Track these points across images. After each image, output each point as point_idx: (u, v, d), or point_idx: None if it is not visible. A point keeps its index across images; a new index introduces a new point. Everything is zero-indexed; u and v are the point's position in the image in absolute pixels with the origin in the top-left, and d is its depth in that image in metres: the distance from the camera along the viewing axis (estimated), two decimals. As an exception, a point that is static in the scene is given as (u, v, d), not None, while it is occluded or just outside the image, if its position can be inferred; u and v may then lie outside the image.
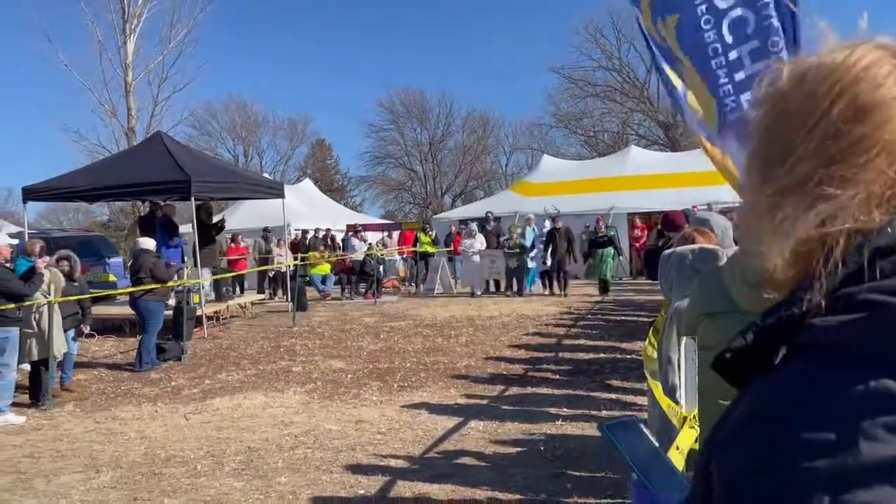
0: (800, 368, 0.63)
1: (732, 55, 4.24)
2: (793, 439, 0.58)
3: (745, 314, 2.29)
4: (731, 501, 0.61)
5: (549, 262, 15.97)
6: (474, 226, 17.51)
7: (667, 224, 6.00)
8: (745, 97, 4.22)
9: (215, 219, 13.73)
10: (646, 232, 19.12)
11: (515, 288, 16.10)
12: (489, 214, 18.19)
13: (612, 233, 16.15)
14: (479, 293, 16.43)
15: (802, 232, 0.64)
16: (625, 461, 0.91)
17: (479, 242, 16.63)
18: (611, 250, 15.61)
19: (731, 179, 4.39)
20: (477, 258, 16.61)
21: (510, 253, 15.89)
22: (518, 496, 4.53)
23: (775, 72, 0.69)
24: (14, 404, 7.01)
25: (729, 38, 4.23)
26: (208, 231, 12.98)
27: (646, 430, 0.92)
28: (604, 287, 15.61)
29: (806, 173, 0.64)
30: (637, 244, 18.81)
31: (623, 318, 12.31)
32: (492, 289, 17.15)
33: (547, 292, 16.05)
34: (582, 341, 10.08)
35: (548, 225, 16.59)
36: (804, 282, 0.65)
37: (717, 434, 0.67)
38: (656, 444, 0.92)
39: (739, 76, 4.25)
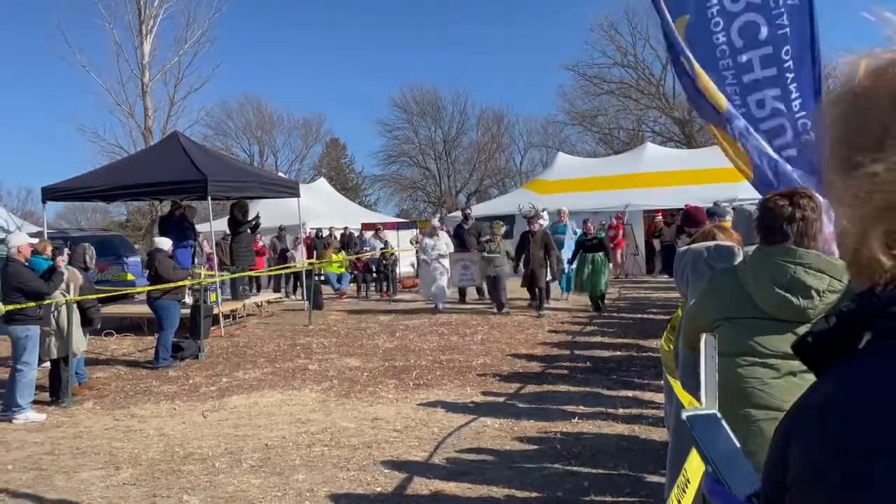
0: (884, 356, 0.63)
1: (742, 58, 4.26)
2: (876, 428, 0.58)
3: (769, 319, 2.25)
4: (811, 486, 0.62)
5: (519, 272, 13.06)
6: (437, 221, 14.91)
7: (687, 220, 5.93)
8: (753, 98, 4.24)
9: (251, 215, 13.75)
10: (620, 231, 18.74)
11: (500, 299, 12.89)
12: (467, 212, 15.41)
13: (602, 234, 13.59)
14: (443, 306, 13.40)
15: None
16: (701, 454, 0.91)
17: (445, 243, 13.71)
18: (602, 256, 12.68)
19: (738, 162, 4.39)
20: (443, 262, 13.50)
21: (490, 257, 12.84)
22: (535, 494, 4.53)
23: (848, 70, 0.70)
24: (35, 402, 7.09)
25: (738, 42, 4.26)
26: (243, 229, 13.11)
27: (726, 427, 0.92)
28: (598, 302, 12.83)
29: None
30: (612, 242, 18.42)
31: (639, 315, 12.25)
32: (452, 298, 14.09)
33: (529, 308, 12.85)
34: (598, 339, 10.05)
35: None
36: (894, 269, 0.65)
37: (795, 417, 0.67)
38: (736, 442, 0.91)
39: (748, 78, 4.26)
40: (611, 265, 13.15)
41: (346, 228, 20.16)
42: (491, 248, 12.98)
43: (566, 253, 13.77)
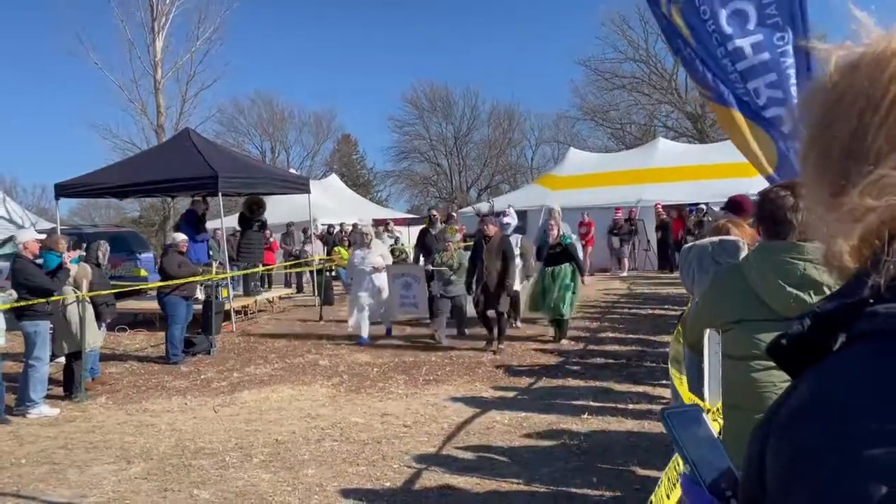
0: (861, 355, 0.62)
1: (731, 45, 4.24)
2: (853, 426, 0.58)
3: (782, 320, 2.19)
4: (788, 485, 0.61)
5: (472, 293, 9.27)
6: (368, 227, 11.02)
7: (733, 209, 5.79)
8: (752, 86, 4.21)
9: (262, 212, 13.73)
10: (592, 228, 18.46)
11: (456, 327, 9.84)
12: (433, 214, 12.16)
13: (569, 240, 9.61)
14: (365, 335, 9.86)
15: (873, 218, 0.63)
16: (680, 452, 0.89)
17: (381, 255, 10.18)
18: (568, 269, 9.34)
19: (755, 146, 4.36)
20: (379, 280, 9.94)
21: (439, 271, 9.64)
22: (544, 489, 4.52)
23: (820, 62, 0.69)
24: (48, 396, 7.15)
25: (728, 30, 4.24)
26: (250, 225, 13.16)
27: (708, 423, 0.90)
28: (559, 326, 9.52)
29: (878, 159, 0.62)
30: (582, 240, 17.68)
31: (650, 311, 12.20)
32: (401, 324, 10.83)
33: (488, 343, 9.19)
34: (609, 334, 10.02)
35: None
36: (868, 268, 0.64)
37: (771, 420, 0.67)
38: (718, 441, 0.89)
39: (742, 65, 4.24)
40: (581, 279, 9.54)
41: (355, 225, 20.20)
42: (443, 260, 9.67)
43: None
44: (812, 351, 0.67)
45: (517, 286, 9.74)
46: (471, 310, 9.53)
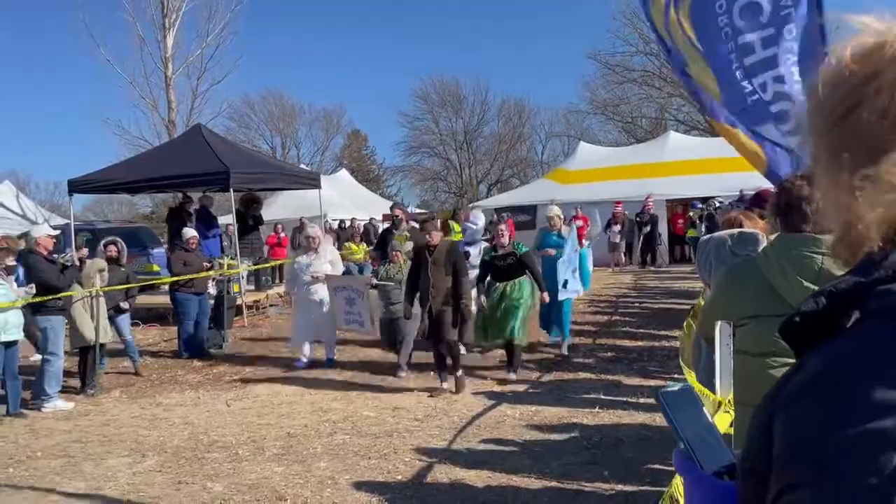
0: (875, 331, 0.62)
1: (742, 40, 4.22)
2: (862, 399, 0.58)
3: None
4: (796, 457, 0.61)
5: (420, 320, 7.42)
6: (315, 229, 9.35)
7: (761, 204, 5.72)
8: (758, 81, 4.19)
9: (263, 212, 13.77)
10: (587, 223, 18.24)
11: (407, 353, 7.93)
12: (396, 213, 9.35)
13: (525, 248, 7.66)
14: (305, 358, 8.34)
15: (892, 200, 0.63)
16: (674, 431, 0.90)
17: (329, 261, 8.60)
18: (525, 283, 7.47)
19: (747, 154, 4.36)
20: (321, 291, 8.37)
21: (385, 287, 7.98)
22: (554, 483, 4.53)
23: (834, 52, 0.70)
24: (63, 390, 7.22)
25: (739, 23, 4.22)
26: (245, 221, 13.20)
27: (700, 403, 0.92)
28: (510, 353, 7.51)
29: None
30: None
31: (661, 305, 12.17)
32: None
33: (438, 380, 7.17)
34: (620, 328, 10.00)
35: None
36: (888, 248, 0.65)
37: (780, 393, 0.67)
38: (711, 419, 0.91)
39: (749, 60, 4.22)
40: (543, 294, 7.64)
41: (372, 220, 20.25)
42: (388, 273, 8.03)
43: (566, 275, 8.38)
44: (824, 329, 0.67)
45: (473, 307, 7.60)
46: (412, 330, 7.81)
